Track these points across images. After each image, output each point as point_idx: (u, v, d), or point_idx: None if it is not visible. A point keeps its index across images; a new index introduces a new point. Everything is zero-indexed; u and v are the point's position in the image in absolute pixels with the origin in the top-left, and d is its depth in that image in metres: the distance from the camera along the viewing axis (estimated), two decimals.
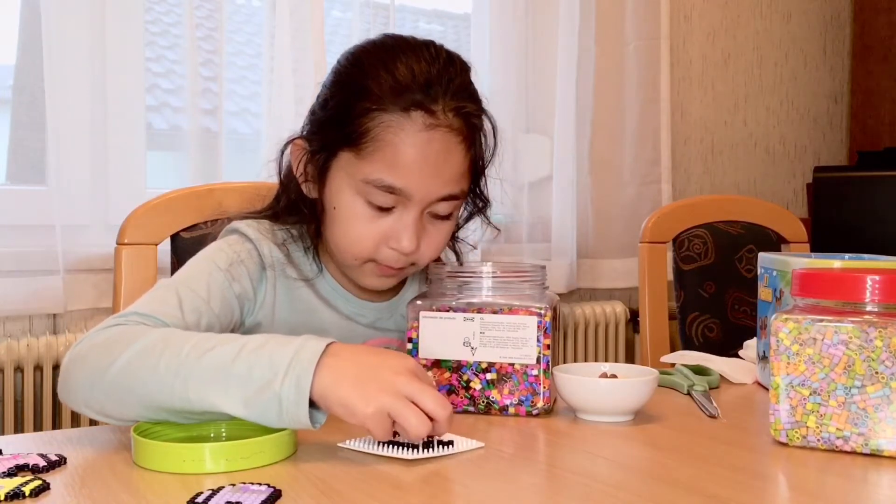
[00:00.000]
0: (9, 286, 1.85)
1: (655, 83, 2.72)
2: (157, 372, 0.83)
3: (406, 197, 1.00)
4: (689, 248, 1.72)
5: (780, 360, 0.86)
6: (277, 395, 0.79)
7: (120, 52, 1.93)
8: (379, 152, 0.98)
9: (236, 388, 0.81)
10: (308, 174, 1.06)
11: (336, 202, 1.03)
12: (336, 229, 1.04)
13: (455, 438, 0.85)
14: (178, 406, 0.83)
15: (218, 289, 1.02)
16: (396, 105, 0.98)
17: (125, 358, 0.85)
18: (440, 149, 0.99)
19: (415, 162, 0.98)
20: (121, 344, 0.87)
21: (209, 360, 0.82)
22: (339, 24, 2.37)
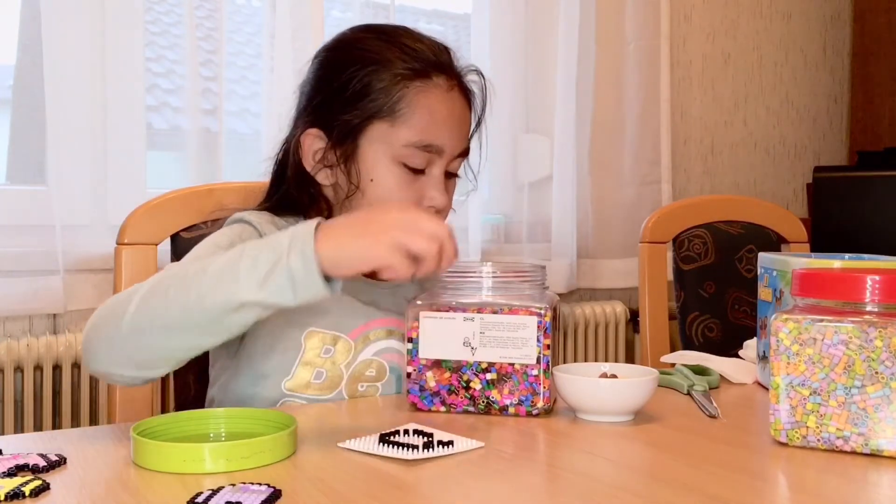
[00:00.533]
0: (9, 286, 1.85)
1: (655, 83, 2.72)
2: (169, 298, 0.86)
3: (438, 153, 1.09)
4: (689, 248, 1.72)
5: (780, 360, 0.86)
6: (287, 268, 0.83)
7: (120, 52, 1.94)
8: (414, 116, 1.07)
9: (247, 276, 0.84)
10: (327, 160, 1.10)
11: (373, 174, 1.09)
12: (374, 199, 1.09)
13: (455, 438, 0.85)
14: (198, 319, 0.86)
15: None
16: (420, 73, 1.08)
17: (134, 305, 0.88)
18: (460, 106, 1.12)
19: (446, 119, 1.09)
20: (124, 299, 0.89)
21: (214, 268, 0.86)
22: (339, 24, 2.37)
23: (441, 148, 1.09)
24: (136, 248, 1.23)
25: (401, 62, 1.08)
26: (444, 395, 1.00)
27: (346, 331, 1.11)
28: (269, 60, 2.13)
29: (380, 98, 1.07)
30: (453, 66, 1.12)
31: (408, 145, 1.07)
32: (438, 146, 1.08)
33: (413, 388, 1.01)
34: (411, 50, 1.09)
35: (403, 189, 1.09)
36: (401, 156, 1.08)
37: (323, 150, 1.10)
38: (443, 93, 1.09)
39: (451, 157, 1.11)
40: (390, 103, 1.07)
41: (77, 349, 1.90)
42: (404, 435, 0.86)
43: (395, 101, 1.07)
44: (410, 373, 1.01)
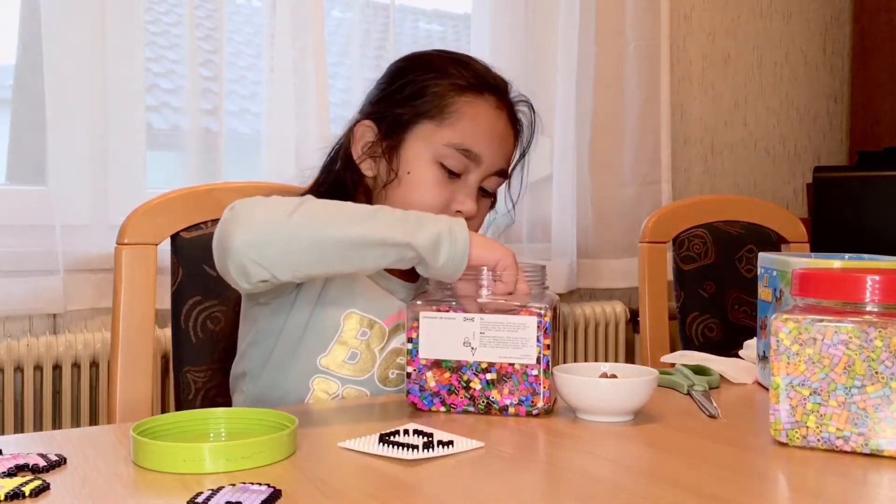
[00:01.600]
0: (9, 286, 1.85)
1: (655, 83, 2.72)
2: (342, 215, 0.98)
3: (476, 162, 1.14)
4: (689, 248, 1.72)
5: (780, 360, 0.86)
6: (451, 236, 0.96)
7: (120, 52, 1.94)
8: (460, 122, 1.14)
9: (415, 225, 0.97)
10: (374, 151, 1.17)
11: (412, 167, 1.15)
12: (408, 192, 1.14)
13: (455, 438, 0.85)
14: (357, 237, 0.96)
15: None
16: (474, 88, 1.16)
17: (300, 207, 0.97)
18: (504, 126, 1.19)
19: (488, 131, 1.16)
20: (283, 201, 0.98)
21: (383, 214, 0.98)
22: (339, 24, 2.37)
23: (479, 156, 1.14)
24: (136, 248, 1.23)
25: (459, 76, 1.17)
26: (444, 395, 1.00)
27: (382, 317, 1.15)
28: (269, 60, 2.13)
29: (432, 100, 1.15)
30: (506, 92, 1.20)
31: (448, 145, 1.13)
32: (476, 153, 1.14)
33: (413, 388, 1.01)
34: (471, 69, 1.18)
35: (437, 188, 1.14)
36: (440, 155, 1.13)
37: (371, 142, 1.17)
38: (490, 109, 1.16)
39: (489, 171, 1.16)
40: (440, 106, 1.14)
41: (77, 349, 1.90)
42: (404, 435, 0.86)
43: (445, 105, 1.14)
44: (410, 373, 1.01)
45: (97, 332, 1.94)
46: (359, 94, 1.96)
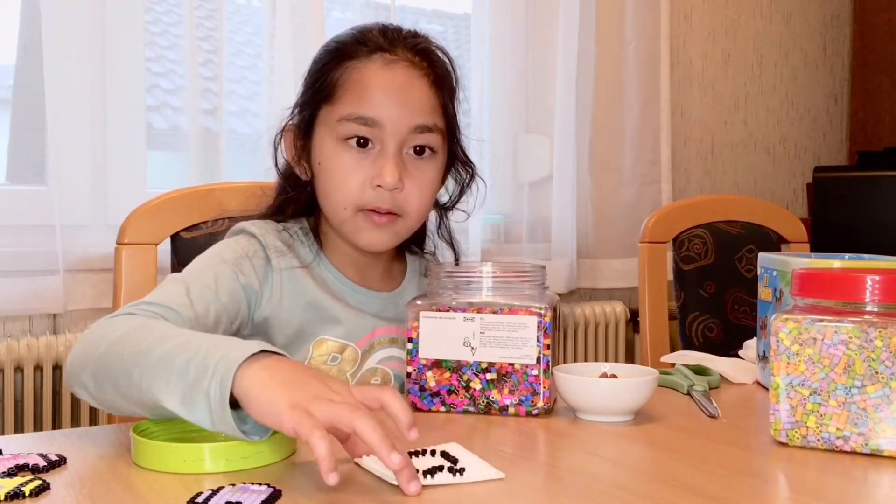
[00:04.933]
0: (9, 286, 1.85)
1: (655, 83, 2.72)
2: (123, 360, 0.84)
3: (379, 127, 1.06)
4: (689, 248, 1.72)
5: (780, 360, 0.86)
6: (206, 393, 0.76)
7: (120, 52, 1.93)
8: (348, 92, 1.07)
9: (175, 382, 0.78)
10: (298, 151, 1.12)
11: (321, 157, 1.09)
12: (325, 183, 1.09)
13: (471, 464, 0.78)
14: (137, 398, 0.82)
15: (225, 280, 1.04)
16: (360, 53, 1.09)
17: (104, 346, 0.87)
18: (403, 80, 1.08)
19: (379, 90, 1.07)
20: (110, 332, 0.88)
21: (162, 349, 0.81)
22: (339, 24, 2.37)
23: (376, 120, 1.05)
24: (136, 248, 1.23)
25: (344, 49, 1.10)
26: (444, 395, 1.00)
27: (354, 339, 1.12)
28: (269, 60, 2.13)
29: (323, 83, 1.09)
30: (395, 43, 1.09)
31: (342, 120, 1.07)
32: (373, 118, 1.06)
33: (413, 388, 1.01)
34: (360, 35, 1.10)
35: (349, 169, 1.07)
36: (341, 133, 1.07)
37: (294, 144, 1.13)
38: (379, 69, 1.07)
39: (402, 132, 1.06)
40: (330, 85, 1.09)
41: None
42: (424, 456, 0.80)
43: (332, 83, 1.08)
44: (410, 373, 1.01)
45: None
46: None
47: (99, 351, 0.87)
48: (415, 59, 1.09)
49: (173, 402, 0.78)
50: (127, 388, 0.83)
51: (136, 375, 0.81)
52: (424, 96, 1.09)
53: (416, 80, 1.09)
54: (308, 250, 1.13)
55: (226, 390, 0.75)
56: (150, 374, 0.80)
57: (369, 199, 1.07)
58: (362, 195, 1.07)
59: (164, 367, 0.79)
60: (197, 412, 0.77)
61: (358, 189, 1.07)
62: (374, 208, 1.07)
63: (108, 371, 0.85)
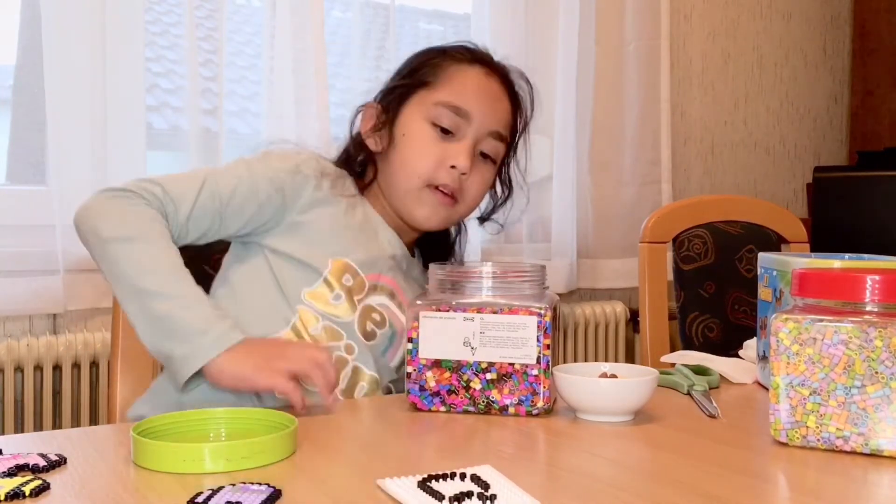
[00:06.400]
0: (9, 286, 1.85)
1: (655, 83, 2.72)
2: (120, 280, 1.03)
3: (467, 120, 1.20)
4: (689, 248, 1.72)
5: (780, 360, 0.86)
6: (175, 371, 0.99)
7: (120, 52, 1.93)
8: (449, 84, 1.22)
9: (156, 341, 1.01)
10: (378, 125, 1.24)
11: (406, 129, 1.22)
12: (403, 151, 1.22)
13: (504, 490, 0.72)
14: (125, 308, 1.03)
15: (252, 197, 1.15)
16: (465, 58, 1.25)
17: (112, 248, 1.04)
18: (496, 91, 1.25)
19: (476, 91, 1.23)
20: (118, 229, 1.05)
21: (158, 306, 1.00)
22: (339, 24, 2.37)
23: (469, 113, 1.20)
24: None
25: (454, 51, 1.26)
26: (444, 395, 1.00)
27: (366, 272, 1.19)
28: (269, 60, 2.13)
29: (427, 71, 1.24)
30: (496, 63, 1.27)
31: (438, 104, 1.20)
32: (466, 110, 1.20)
33: (413, 388, 1.01)
34: (466, 48, 1.27)
35: (430, 145, 1.20)
36: (432, 115, 1.20)
37: (375, 121, 1.25)
38: (479, 74, 1.24)
39: (482, 129, 1.22)
40: (433, 74, 1.23)
41: (77, 349, 1.90)
42: (460, 480, 0.75)
43: (437, 73, 1.23)
44: (410, 373, 1.01)
45: (97, 332, 1.94)
46: (359, 94, 1.97)
47: (106, 247, 1.04)
48: (506, 80, 1.27)
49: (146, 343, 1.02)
50: (121, 300, 1.04)
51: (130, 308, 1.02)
52: (506, 111, 1.26)
53: (504, 96, 1.26)
54: (353, 188, 1.24)
55: (191, 367, 0.98)
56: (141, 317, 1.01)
57: (440, 177, 1.20)
58: (436, 171, 1.20)
59: (152, 323, 1.01)
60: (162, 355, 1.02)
61: (433, 164, 1.20)
62: (442, 185, 1.20)
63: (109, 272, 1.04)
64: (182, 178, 1.13)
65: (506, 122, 1.26)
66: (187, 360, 0.98)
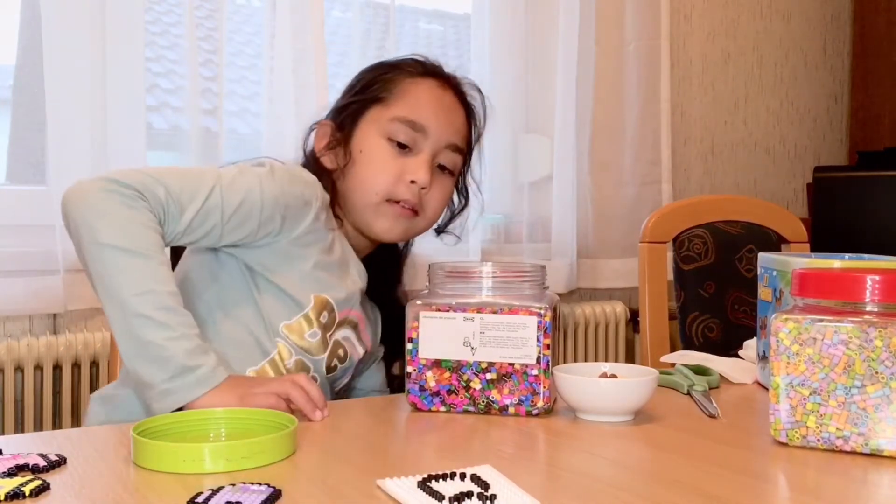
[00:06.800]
0: (9, 286, 1.85)
1: (655, 83, 2.72)
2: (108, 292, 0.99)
3: (423, 134, 1.21)
4: (689, 248, 1.72)
5: (780, 360, 0.86)
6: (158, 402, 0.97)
7: (120, 52, 1.93)
8: (403, 99, 1.23)
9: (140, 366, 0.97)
10: (333, 143, 1.24)
11: (363, 146, 1.22)
12: (361, 169, 1.21)
13: (504, 490, 0.72)
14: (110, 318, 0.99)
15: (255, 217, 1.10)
16: (418, 73, 1.26)
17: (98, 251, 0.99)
18: (450, 103, 1.26)
19: (431, 104, 1.23)
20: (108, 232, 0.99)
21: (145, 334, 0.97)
22: (339, 24, 2.37)
23: (424, 127, 1.21)
24: None
25: (405, 66, 1.27)
26: (444, 395, 1.00)
27: (340, 308, 1.19)
28: (269, 60, 2.13)
29: (381, 86, 1.24)
30: (448, 75, 1.28)
31: (394, 119, 1.21)
32: (422, 124, 1.21)
33: (413, 388, 1.01)
34: (417, 62, 1.27)
35: (388, 161, 1.20)
36: (388, 131, 1.21)
37: (329, 138, 1.25)
38: (433, 87, 1.25)
39: (439, 143, 1.22)
40: (387, 89, 1.23)
41: (77, 349, 1.90)
42: (460, 480, 0.75)
43: (391, 88, 1.23)
44: (410, 373, 1.01)
45: (97, 332, 1.94)
46: None
47: (102, 251, 0.99)
48: (459, 92, 1.28)
49: (125, 359, 0.99)
50: (105, 306, 0.99)
51: (115, 321, 0.98)
52: (461, 123, 1.27)
53: (458, 108, 1.27)
54: (330, 219, 1.22)
55: (177, 401, 0.96)
56: (125, 336, 0.98)
57: (399, 192, 1.20)
58: (395, 187, 1.20)
59: (136, 345, 0.97)
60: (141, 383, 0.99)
61: (392, 180, 1.20)
62: (403, 201, 1.20)
63: (98, 277, 1.00)
64: (189, 182, 1.06)
65: (462, 134, 1.27)
66: (169, 393, 0.96)
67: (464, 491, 0.70)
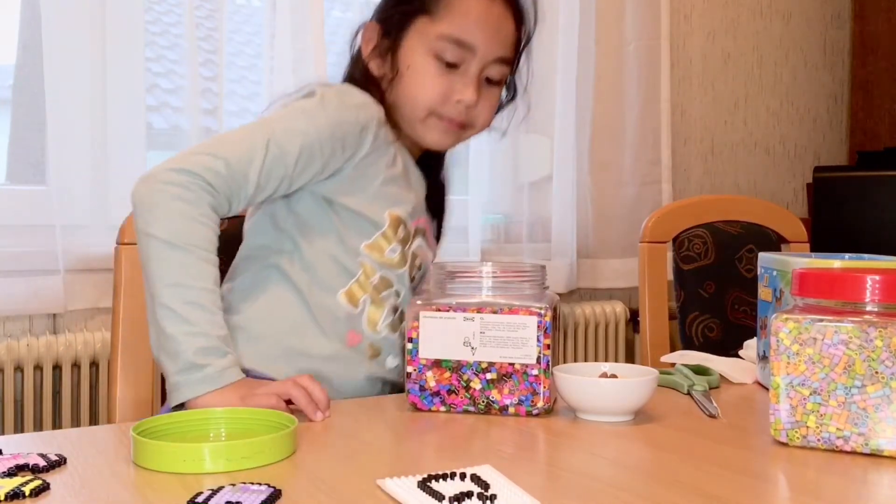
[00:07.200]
0: (9, 286, 1.85)
1: (655, 83, 2.72)
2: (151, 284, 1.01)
3: (471, 52, 1.18)
4: (689, 248, 1.72)
5: (780, 360, 0.86)
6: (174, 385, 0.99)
7: (120, 52, 1.93)
8: (451, 14, 1.19)
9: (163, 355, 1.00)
10: (380, 49, 1.23)
11: (410, 61, 1.20)
12: (408, 85, 1.20)
13: (504, 490, 0.72)
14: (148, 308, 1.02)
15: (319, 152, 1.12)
16: None
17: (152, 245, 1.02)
18: (499, 14, 1.21)
19: (479, 20, 1.19)
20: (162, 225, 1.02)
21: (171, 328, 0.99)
22: (339, 24, 2.37)
23: (473, 46, 1.18)
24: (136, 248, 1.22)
25: None
26: (444, 394, 1.00)
27: (411, 220, 1.21)
28: (269, 60, 2.13)
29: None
30: None
31: (441, 38, 1.18)
32: (470, 43, 1.18)
33: (413, 388, 1.01)
34: None
35: (435, 79, 1.18)
36: (435, 48, 1.18)
37: (376, 42, 1.23)
38: (481, 1, 1.20)
39: (486, 59, 1.20)
40: (434, 1, 1.20)
41: (77, 349, 1.90)
42: (460, 480, 0.74)
43: (438, 0, 1.20)
44: (410, 373, 1.01)
45: (97, 332, 1.94)
46: None
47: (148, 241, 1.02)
48: (506, 1, 1.22)
49: (151, 345, 1.02)
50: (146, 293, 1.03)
51: (147, 307, 1.02)
52: (509, 32, 1.23)
53: (507, 17, 1.22)
54: (389, 131, 1.21)
55: (174, 403, 0.99)
56: (152, 323, 1.01)
57: (447, 110, 1.20)
58: (442, 105, 1.19)
59: (158, 335, 1.00)
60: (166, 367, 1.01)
61: (440, 99, 1.19)
62: (448, 119, 1.20)
63: (143, 265, 1.03)
64: (243, 147, 1.08)
65: (510, 44, 1.24)
66: (177, 387, 0.98)
67: (464, 491, 0.70)
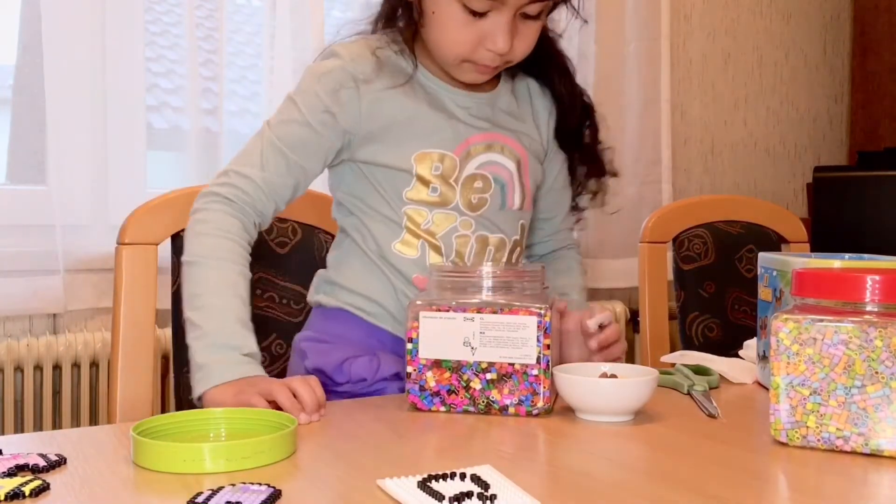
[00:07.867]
0: (9, 286, 1.85)
1: (655, 83, 2.72)
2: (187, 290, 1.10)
3: (500, 1, 1.10)
4: (689, 248, 1.72)
5: (780, 360, 0.86)
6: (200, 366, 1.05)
7: (120, 52, 1.93)
8: None
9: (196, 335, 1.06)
10: None
11: (434, 7, 1.14)
12: (434, 31, 1.15)
13: (504, 490, 0.71)
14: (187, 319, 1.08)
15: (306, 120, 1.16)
16: None
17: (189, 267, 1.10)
18: None
19: None
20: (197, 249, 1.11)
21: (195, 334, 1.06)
22: (339, 24, 2.37)
23: None
24: (136, 248, 1.23)
25: None
26: (444, 395, 1.00)
27: (450, 148, 1.18)
28: (269, 60, 2.13)
29: None
30: None
31: None
32: None
33: (413, 388, 1.01)
34: None
35: (462, 27, 1.12)
36: None
37: None
38: None
39: (519, 4, 1.11)
40: None
41: (77, 349, 1.90)
42: (460, 480, 0.74)
43: None
44: (410, 373, 1.01)
45: (97, 332, 1.94)
46: None
47: (182, 268, 1.12)
48: None
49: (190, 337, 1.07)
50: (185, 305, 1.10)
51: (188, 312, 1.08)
52: None
53: None
54: (398, 57, 1.19)
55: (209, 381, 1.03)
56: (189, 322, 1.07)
57: (479, 57, 1.14)
58: (473, 52, 1.14)
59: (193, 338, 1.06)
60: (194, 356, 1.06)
61: (469, 48, 1.13)
62: (482, 65, 1.15)
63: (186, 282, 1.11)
64: (247, 151, 1.16)
65: None
66: (192, 387, 1.05)
67: (464, 491, 0.70)
